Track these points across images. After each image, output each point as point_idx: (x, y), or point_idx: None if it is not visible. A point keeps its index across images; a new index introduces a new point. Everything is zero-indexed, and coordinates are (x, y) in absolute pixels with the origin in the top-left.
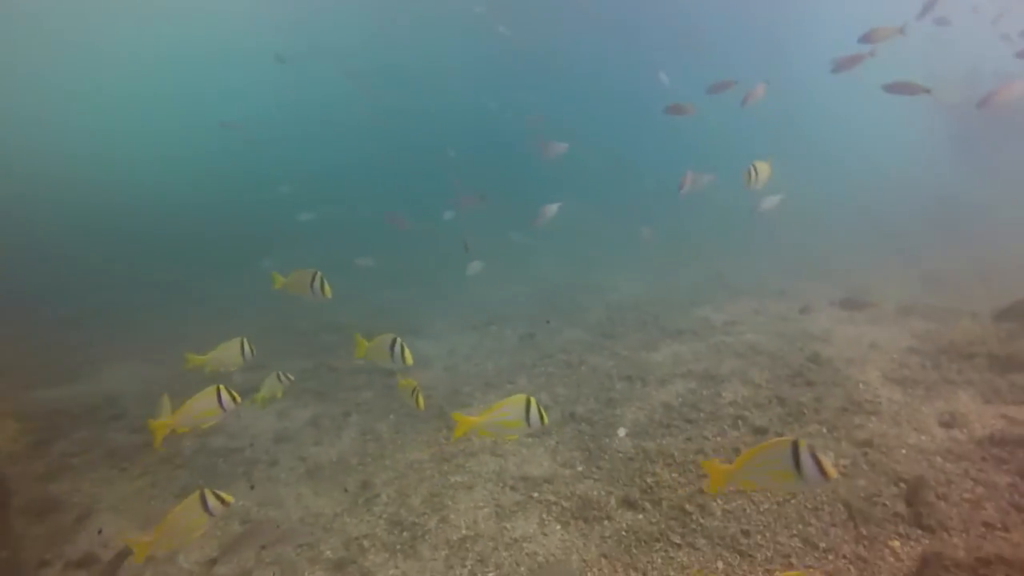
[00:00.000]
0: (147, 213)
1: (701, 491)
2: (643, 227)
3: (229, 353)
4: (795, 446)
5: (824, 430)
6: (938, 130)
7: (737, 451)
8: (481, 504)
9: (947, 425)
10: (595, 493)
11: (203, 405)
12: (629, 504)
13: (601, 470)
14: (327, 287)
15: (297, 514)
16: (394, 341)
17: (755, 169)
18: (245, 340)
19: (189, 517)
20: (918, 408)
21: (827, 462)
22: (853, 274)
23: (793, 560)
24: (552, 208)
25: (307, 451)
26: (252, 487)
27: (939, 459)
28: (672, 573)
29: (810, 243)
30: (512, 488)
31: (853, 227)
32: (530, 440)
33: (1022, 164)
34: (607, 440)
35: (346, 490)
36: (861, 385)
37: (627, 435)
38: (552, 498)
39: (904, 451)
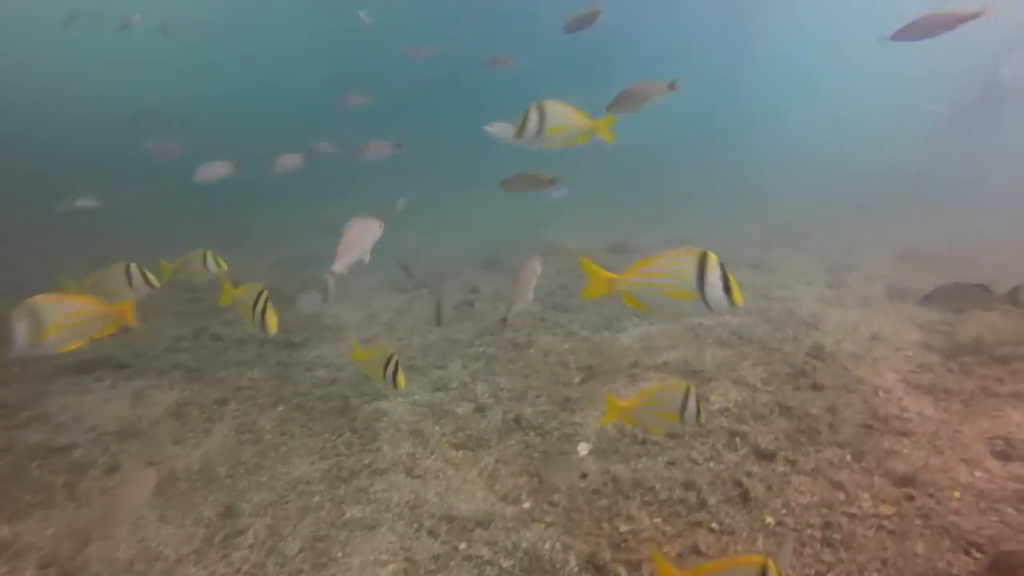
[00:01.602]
0: None
1: (698, 550)
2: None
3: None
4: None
5: (848, 457)
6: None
7: (739, 485)
8: (385, 557)
9: (1004, 457)
10: (547, 547)
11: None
12: (596, 569)
13: (556, 508)
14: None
15: (128, 552)
16: (389, 360)
17: (540, 113)
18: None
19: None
20: (959, 429)
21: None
22: (829, 248)
23: None
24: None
25: (162, 452)
26: (78, 506)
27: (1011, 510)
28: None
29: (778, 212)
30: (431, 533)
31: (827, 198)
32: (460, 455)
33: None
34: (563, 460)
35: (203, 519)
36: (881, 393)
37: (590, 453)
38: (486, 553)
39: (958, 494)
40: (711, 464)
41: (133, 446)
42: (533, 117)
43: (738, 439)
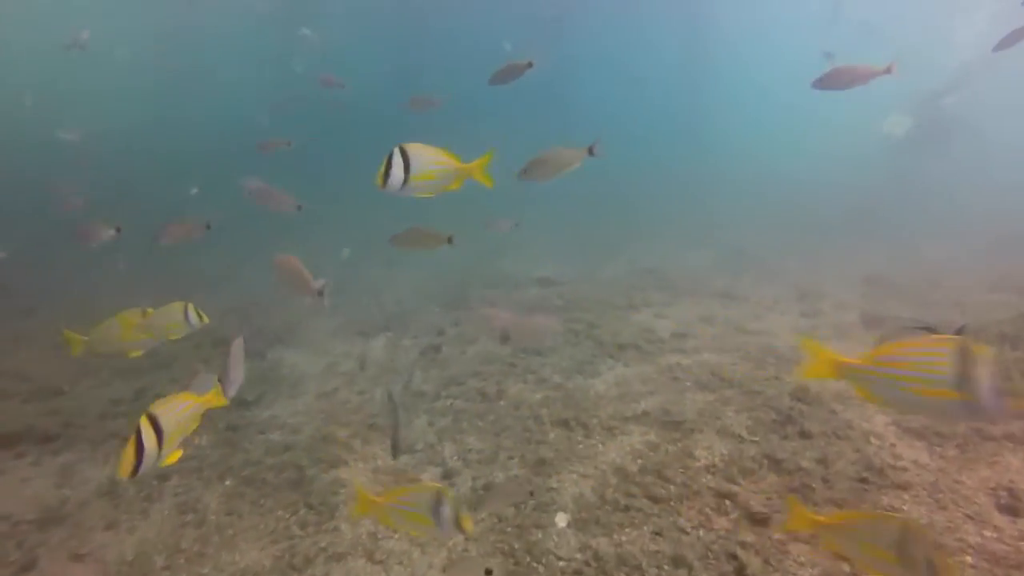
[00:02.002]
0: None
1: None
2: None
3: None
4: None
5: None
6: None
7: (734, 558)
8: None
9: (1011, 511)
10: None
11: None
12: None
13: None
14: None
15: None
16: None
17: (404, 158)
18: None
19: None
20: (958, 478)
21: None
22: (794, 273)
23: None
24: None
25: (90, 541)
26: None
27: None
28: None
29: (737, 238)
30: None
31: (789, 225)
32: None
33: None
34: (540, 535)
35: None
36: (872, 439)
37: (569, 525)
38: None
39: (971, 559)
40: (701, 533)
41: (56, 535)
42: (397, 163)
43: (728, 501)
